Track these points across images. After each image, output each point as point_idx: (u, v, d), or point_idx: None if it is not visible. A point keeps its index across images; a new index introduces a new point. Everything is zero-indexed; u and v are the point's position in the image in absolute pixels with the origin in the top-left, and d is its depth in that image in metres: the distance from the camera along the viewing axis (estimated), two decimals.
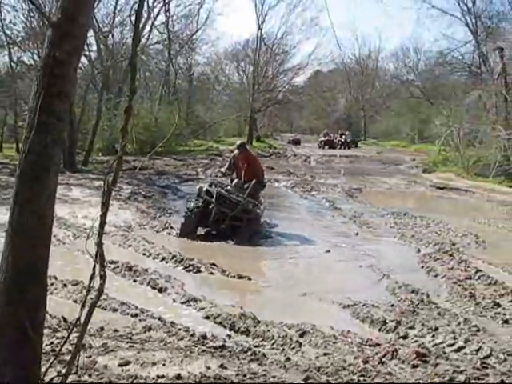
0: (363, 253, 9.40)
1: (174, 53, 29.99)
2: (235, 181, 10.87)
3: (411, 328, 5.55)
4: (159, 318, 5.56)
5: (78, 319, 2.86)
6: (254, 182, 10.58)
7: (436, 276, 7.96)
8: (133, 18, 3.03)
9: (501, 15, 33.29)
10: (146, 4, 22.43)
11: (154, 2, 22.20)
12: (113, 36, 26.71)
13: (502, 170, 21.75)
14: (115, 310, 5.79)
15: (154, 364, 4.14)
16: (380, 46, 77.41)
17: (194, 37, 35.69)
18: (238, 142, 11.83)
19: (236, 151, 11.37)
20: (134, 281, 7.15)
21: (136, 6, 3.05)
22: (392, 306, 6.32)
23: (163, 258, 8.35)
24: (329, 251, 9.46)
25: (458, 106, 27.80)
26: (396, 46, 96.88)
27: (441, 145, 28.05)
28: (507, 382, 4.20)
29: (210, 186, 10.61)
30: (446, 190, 19.95)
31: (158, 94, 36.46)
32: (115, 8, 25.01)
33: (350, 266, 8.63)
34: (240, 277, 7.58)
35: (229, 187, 10.60)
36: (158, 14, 24.54)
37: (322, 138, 44.95)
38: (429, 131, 33.49)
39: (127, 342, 4.67)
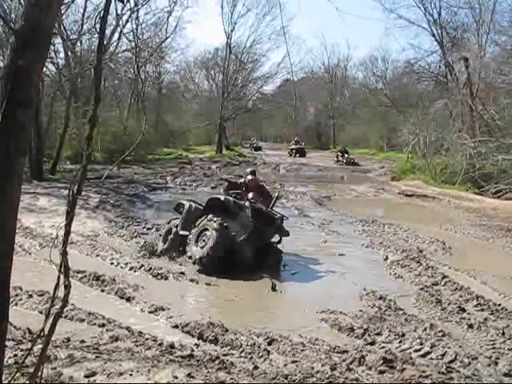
0: (331, 260, 9.45)
1: (143, 61, 29.83)
2: (251, 194, 9.25)
3: (378, 334, 5.60)
4: (127, 328, 5.50)
5: (42, 330, 2.82)
6: (276, 195, 9.39)
7: (403, 282, 8.06)
8: (98, 25, 3.00)
9: (465, 26, 34.07)
10: (114, 11, 22.34)
11: (122, 9, 22.10)
12: (81, 43, 26.44)
13: (468, 178, 22.13)
14: (82, 321, 5.72)
15: (120, 374, 4.10)
16: (348, 54, 78.30)
17: (163, 45, 35.55)
18: (250, 170, 10.64)
19: (249, 177, 9.99)
20: (102, 290, 7.08)
21: (102, 13, 3.04)
22: (360, 312, 6.37)
23: (131, 268, 8.28)
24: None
25: (424, 115, 28.22)
26: (364, 55, 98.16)
27: (408, 153, 28.44)
28: None
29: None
30: (413, 197, 20.21)
31: (127, 102, 36.25)
32: (83, 15, 24.70)
33: (318, 273, 8.66)
34: (208, 285, 7.57)
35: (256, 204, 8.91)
36: (127, 21, 24.38)
37: (293, 146, 44.78)
38: (397, 139, 33.90)
39: (94, 353, 4.61)
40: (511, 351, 5.18)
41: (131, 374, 4.10)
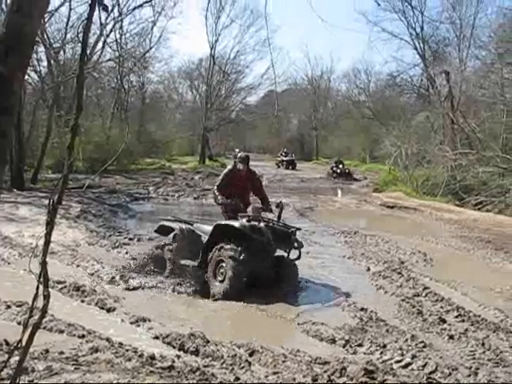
0: (313, 271, 9.45)
1: (126, 70, 29.78)
2: (251, 207, 8.38)
3: (360, 345, 5.61)
4: (107, 339, 5.43)
5: (20, 341, 2.78)
6: (280, 202, 8.45)
7: (385, 293, 8.09)
8: (81, 34, 3.00)
9: (446, 41, 34.61)
10: (98, 21, 22.31)
11: (106, 18, 22.07)
12: (64, 52, 26.35)
13: (449, 189, 22.36)
14: (61, 332, 5.64)
15: None
16: (332, 66, 79.02)
17: (147, 55, 35.59)
18: (242, 154, 9.24)
19: (240, 165, 8.69)
20: (82, 301, 7.00)
21: (85, 22, 3.03)
22: (341, 323, 6.37)
23: (112, 278, 8.21)
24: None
25: (406, 127, 28.52)
26: (348, 67, 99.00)
27: (390, 164, 28.67)
28: None
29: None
30: (395, 208, 20.34)
31: (110, 111, 36.13)
32: (67, 24, 24.67)
33: (300, 284, 8.64)
34: (189, 295, 7.53)
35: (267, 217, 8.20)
36: (111, 31, 24.38)
37: (284, 158, 44.34)
38: (379, 151, 34.16)
39: (73, 364, 4.55)
40: (491, 362, 5.22)
41: None
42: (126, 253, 10.10)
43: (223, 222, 8.04)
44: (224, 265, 7.54)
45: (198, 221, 9.60)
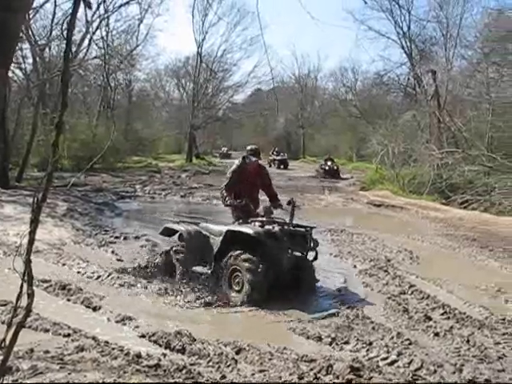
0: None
1: (112, 68, 29.61)
2: (262, 207, 8.18)
3: (346, 343, 5.63)
4: (93, 338, 5.41)
5: (3, 340, 2.76)
6: (292, 199, 8.09)
7: (371, 291, 8.12)
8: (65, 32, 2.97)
9: (433, 40, 34.79)
10: (84, 18, 22.16)
11: (92, 16, 21.96)
12: (50, 49, 26.13)
13: (435, 188, 22.49)
14: (47, 331, 5.60)
15: None
16: (319, 65, 79.13)
17: (134, 52, 35.43)
18: (252, 146, 8.64)
19: (252, 158, 8.31)
20: (68, 300, 6.96)
21: (69, 18, 3.00)
22: (328, 321, 6.39)
23: (98, 277, 8.17)
24: None
25: (393, 126, 28.63)
26: (335, 66, 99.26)
27: (377, 163, 28.77)
28: None
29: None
30: (382, 207, 20.43)
31: (97, 109, 35.93)
32: (52, 20, 24.44)
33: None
34: (176, 294, 7.49)
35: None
36: (97, 28, 24.24)
37: (276, 157, 43.79)
38: (366, 150, 34.27)
39: (58, 364, 4.52)
40: (475, 358, 5.26)
41: None
42: (113, 251, 10.06)
43: (236, 228, 7.56)
44: (240, 274, 7.13)
45: (203, 220, 9.13)
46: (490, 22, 25.74)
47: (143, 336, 5.65)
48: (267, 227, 7.33)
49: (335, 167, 34.95)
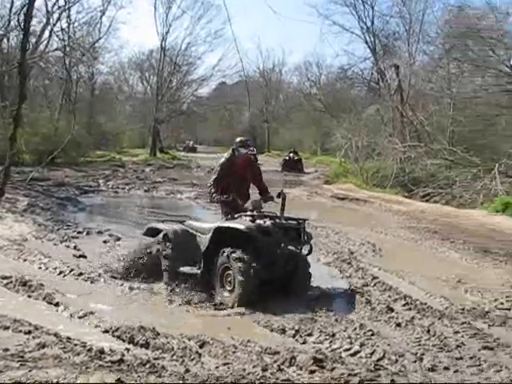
0: None
1: (74, 60, 29.13)
2: (250, 202, 7.75)
3: (309, 335, 5.67)
4: (55, 334, 5.32)
5: None
6: (282, 191, 7.61)
7: (335, 284, 8.20)
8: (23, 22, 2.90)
9: (396, 35, 35.26)
10: (44, 8, 21.70)
11: (53, 7, 21.56)
12: (8, 40, 25.57)
13: (398, 181, 22.85)
14: (7, 328, 5.48)
15: (46, 382, 3.97)
16: (283, 59, 79.21)
17: (97, 45, 34.96)
18: (242, 138, 8.41)
19: (242, 150, 8.04)
20: (29, 296, 6.83)
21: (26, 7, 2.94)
22: (291, 314, 6.42)
23: (61, 272, 8.05)
24: None
25: (357, 120, 28.95)
26: (299, 60, 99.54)
27: (341, 157, 29.05)
28: (397, 381, 4.39)
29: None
30: (346, 200, 20.63)
31: (59, 102, 35.30)
32: (10, 10, 23.83)
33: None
34: (140, 288, 7.44)
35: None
36: (58, 19, 23.81)
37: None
38: (330, 143, 34.56)
39: (18, 361, 4.43)
40: (435, 347, 5.37)
41: (57, 382, 3.97)
42: (75, 247, 9.91)
43: (225, 224, 7.21)
44: (231, 273, 6.83)
45: (187, 218, 8.92)
46: (451, 18, 26.23)
47: (106, 331, 5.59)
48: (258, 221, 7.00)
49: (295, 158, 35.10)
